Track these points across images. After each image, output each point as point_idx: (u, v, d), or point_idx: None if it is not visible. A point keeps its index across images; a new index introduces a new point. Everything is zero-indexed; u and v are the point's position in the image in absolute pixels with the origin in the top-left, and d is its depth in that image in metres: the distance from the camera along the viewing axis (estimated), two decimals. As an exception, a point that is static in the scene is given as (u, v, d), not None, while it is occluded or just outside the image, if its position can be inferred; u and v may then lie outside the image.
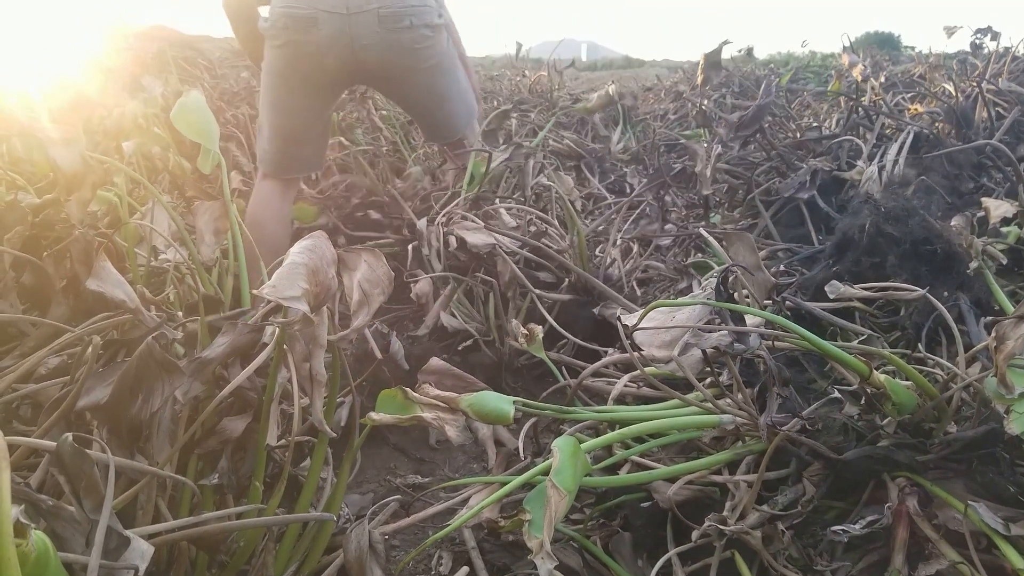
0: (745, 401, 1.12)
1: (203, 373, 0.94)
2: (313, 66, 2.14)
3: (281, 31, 2.10)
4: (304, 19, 2.07)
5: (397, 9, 2.11)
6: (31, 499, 0.67)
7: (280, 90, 2.20)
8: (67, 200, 1.24)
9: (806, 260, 1.93)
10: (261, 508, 0.98)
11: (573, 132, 3.93)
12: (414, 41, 2.18)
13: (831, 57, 9.04)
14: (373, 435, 1.52)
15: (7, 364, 1.12)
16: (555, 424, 1.48)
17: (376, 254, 1.00)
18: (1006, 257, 1.57)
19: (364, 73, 2.24)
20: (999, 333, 0.93)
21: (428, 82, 2.28)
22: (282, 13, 2.09)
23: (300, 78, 2.17)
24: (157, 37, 4.15)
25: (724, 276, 1.07)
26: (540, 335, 1.47)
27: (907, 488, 1.01)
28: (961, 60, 4.64)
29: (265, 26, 2.14)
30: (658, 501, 1.14)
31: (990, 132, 2.50)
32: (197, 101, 1.33)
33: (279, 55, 2.15)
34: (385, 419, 0.95)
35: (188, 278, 1.37)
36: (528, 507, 0.86)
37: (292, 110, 2.22)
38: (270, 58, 2.18)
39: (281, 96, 2.21)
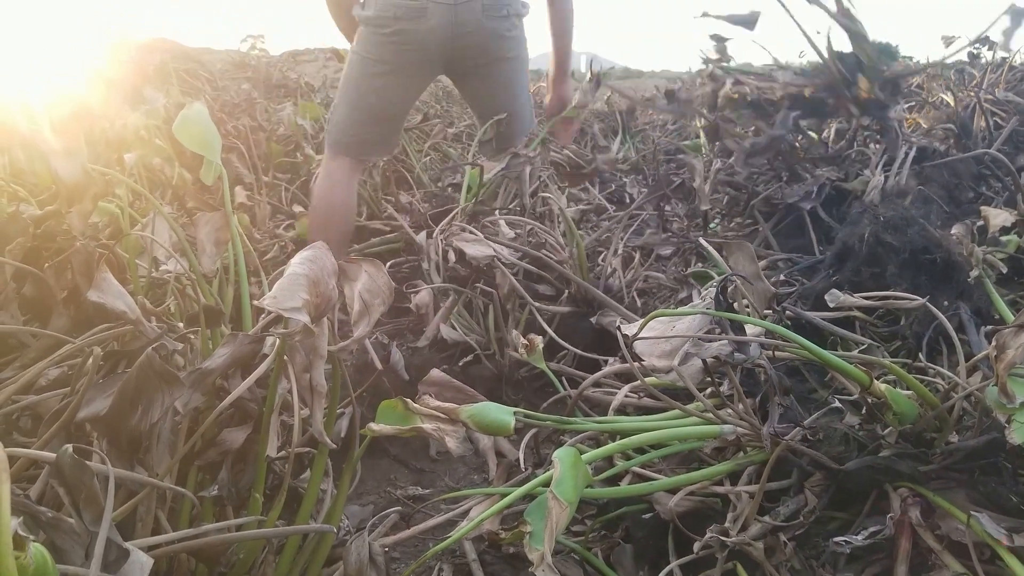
0: (746, 411, 1.11)
1: (203, 384, 0.94)
2: (417, 54, 2.29)
3: (391, 20, 2.23)
4: (415, 9, 2.22)
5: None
6: (30, 511, 0.67)
7: (378, 75, 2.32)
8: (68, 212, 1.24)
9: (806, 270, 1.93)
10: (261, 520, 0.98)
11: (573, 143, 3.93)
12: (507, 28, 2.37)
13: (830, 67, 9.07)
14: (373, 446, 1.51)
15: (7, 375, 1.12)
16: (556, 435, 1.48)
17: (377, 264, 1.00)
18: (1006, 266, 1.57)
19: (459, 62, 2.38)
20: (999, 342, 0.93)
21: (509, 75, 2.48)
22: (392, 2, 2.22)
23: (401, 65, 2.31)
24: (159, 49, 4.18)
25: (723, 286, 1.07)
26: (540, 345, 1.47)
27: (909, 498, 1.00)
28: (959, 70, 4.65)
29: (368, 14, 2.26)
30: (659, 512, 1.13)
31: (989, 142, 2.50)
32: (200, 113, 1.34)
33: (384, 42, 2.27)
34: (385, 430, 0.95)
35: (189, 289, 1.37)
36: (529, 519, 0.85)
37: (386, 94, 2.35)
38: (372, 44, 2.29)
39: (378, 81, 2.33)
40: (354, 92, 2.37)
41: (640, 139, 4.44)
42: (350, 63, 2.38)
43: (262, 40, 5.93)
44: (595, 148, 3.92)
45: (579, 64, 3.71)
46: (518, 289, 1.75)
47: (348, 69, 2.39)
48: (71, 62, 3.29)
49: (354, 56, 2.36)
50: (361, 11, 2.30)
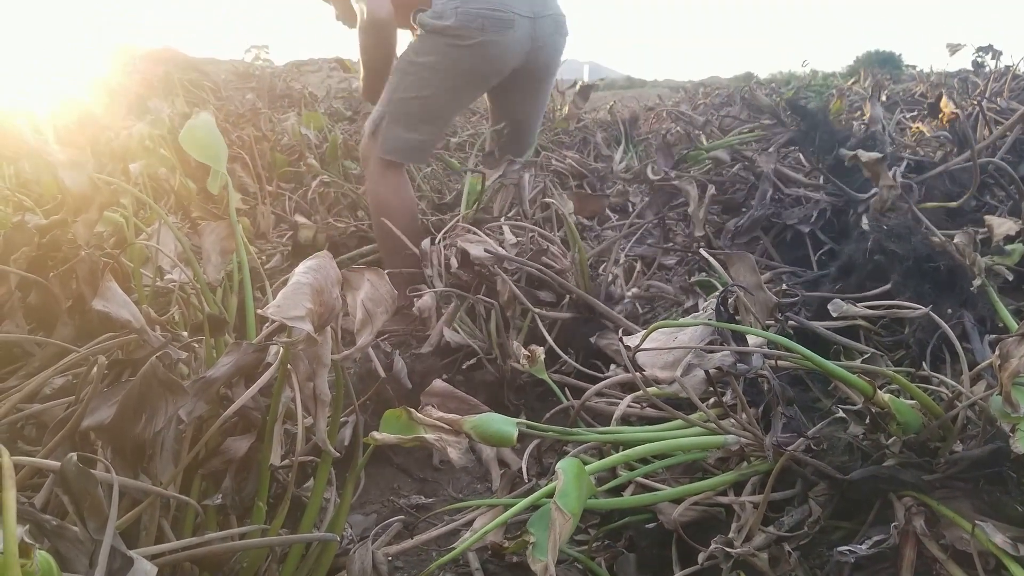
0: (749, 421, 1.11)
1: (207, 393, 0.94)
2: (495, 65, 2.33)
3: (476, 31, 2.24)
4: (503, 21, 2.25)
5: (560, 14, 2.42)
6: (35, 519, 0.67)
7: (450, 85, 2.33)
8: (74, 221, 1.25)
9: (810, 283, 1.94)
10: (264, 528, 0.98)
11: (576, 151, 3.94)
12: (563, 46, 2.48)
13: (832, 76, 9.09)
14: (376, 455, 1.51)
15: (12, 384, 1.13)
16: (559, 444, 1.48)
17: (379, 273, 1.01)
18: (1011, 275, 1.57)
19: (520, 74, 2.43)
20: (1003, 351, 0.93)
21: (547, 90, 2.61)
22: (478, 14, 2.23)
23: (476, 75, 2.35)
24: (163, 59, 4.20)
25: (724, 297, 1.07)
26: (542, 356, 1.47)
27: (914, 508, 1.00)
28: (962, 79, 4.66)
29: (447, 23, 2.23)
30: (663, 522, 1.13)
31: (992, 150, 2.50)
32: (206, 122, 1.35)
33: (465, 53, 2.27)
34: (388, 439, 0.95)
35: (193, 298, 1.38)
36: (532, 529, 0.85)
37: (453, 103, 2.42)
38: (448, 55, 2.28)
39: (450, 92, 2.35)
40: (421, 103, 2.34)
41: (643, 148, 4.45)
42: (417, 74, 2.33)
43: (266, 50, 5.96)
44: (598, 157, 3.93)
45: (582, 73, 3.72)
46: (519, 296, 1.75)
47: (414, 80, 2.33)
48: (77, 73, 3.31)
49: (420, 67, 2.32)
50: (434, 20, 2.26)
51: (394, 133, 2.33)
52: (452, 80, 2.33)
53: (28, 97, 2.22)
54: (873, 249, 1.67)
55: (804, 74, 9.39)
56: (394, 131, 2.33)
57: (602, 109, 5.80)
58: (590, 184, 3.35)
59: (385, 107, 2.35)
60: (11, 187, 1.76)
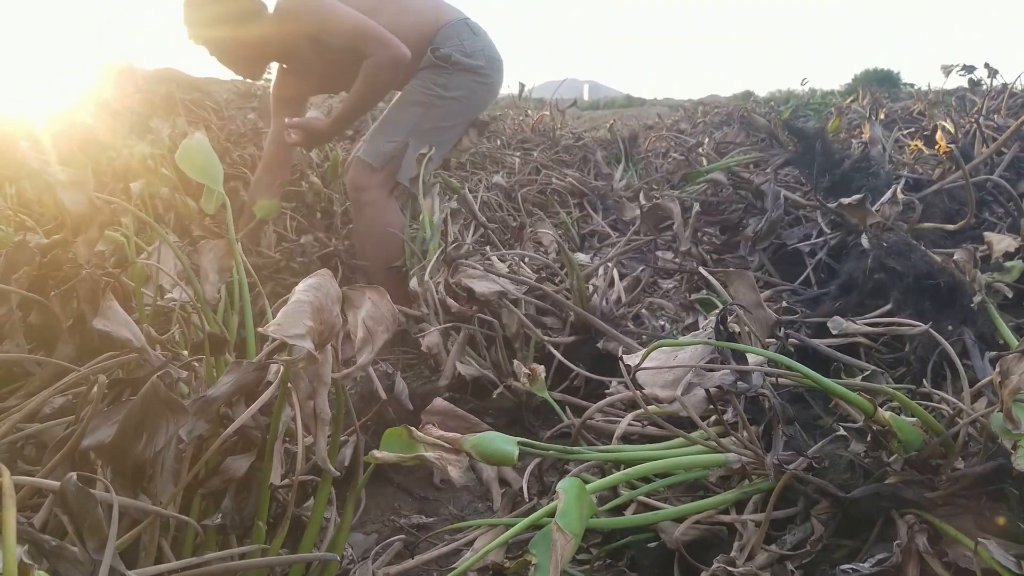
0: (750, 439, 1.11)
1: (207, 412, 0.94)
2: (490, 101, 2.77)
3: (493, 71, 2.60)
4: (500, 64, 2.65)
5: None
6: (34, 539, 0.67)
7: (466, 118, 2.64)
8: (74, 241, 1.25)
9: (810, 301, 1.94)
10: (264, 548, 0.97)
11: (576, 170, 3.96)
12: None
13: (831, 95, 9.13)
14: (377, 474, 1.51)
15: (13, 404, 1.12)
16: (560, 463, 1.47)
17: (381, 292, 1.01)
18: (1011, 291, 1.57)
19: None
20: (1003, 368, 0.93)
21: None
22: (495, 56, 2.61)
23: (481, 109, 2.72)
24: (166, 79, 4.22)
25: (723, 315, 1.07)
26: (542, 375, 1.47)
27: (916, 525, 1.00)
28: (960, 97, 4.68)
29: (477, 63, 2.54)
30: (665, 541, 1.13)
31: (990, 168, 2.51)
32: (201, 142, 1.35)
33: (485, 90, 2.64)
34: (389, 458, 0.95)
35: (194, 317, 1.38)
36: (534, 549, 0.85)
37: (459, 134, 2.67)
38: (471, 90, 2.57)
39: (463, 123, 2.64)
40: (442, 134, 2.57)
41: (643, 166, 4.47)
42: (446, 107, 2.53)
43: (268, 70, 5.99)
44: (598, 175, 3.94)
45: (582, 92, 3.75)
46: (527, 325, 1.76)
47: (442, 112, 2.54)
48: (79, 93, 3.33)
49: (449, 101, 2.53)
50: (466, 59, 2.51)
51: (411, 162, 2.47)
52: (469, 114, 2.63)
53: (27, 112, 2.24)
54: (873, 267, 1.67)
55: (803, 92, 9.44)
56: (411, 160, 2.47)
57: (602, 128, 5.83)
58: (590, 203, 3.36)
59: (405, 137, 2.46)
60: (12, 207, 1.77)
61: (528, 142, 4.79)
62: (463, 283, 1.81)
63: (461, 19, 2.58)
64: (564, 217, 3.15)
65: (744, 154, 3.71)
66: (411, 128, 2.48)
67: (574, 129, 5.66)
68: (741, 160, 3.54)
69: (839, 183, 2.65)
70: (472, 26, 2.59)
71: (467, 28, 2.57)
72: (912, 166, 2.81)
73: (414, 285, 2.00)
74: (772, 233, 2.27)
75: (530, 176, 3.81)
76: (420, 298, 1.94)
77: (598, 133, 5.61)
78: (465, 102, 2.57)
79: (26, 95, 2.54)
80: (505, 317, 1.78)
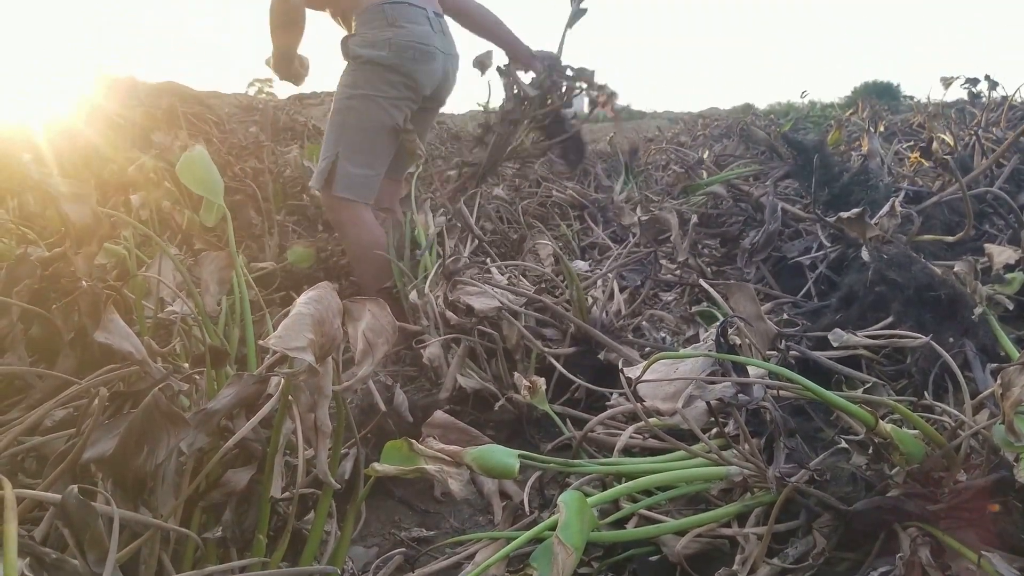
0: (752, 452, 1.11)
1: (208, 425, 0.94)
2: (417, 92, 2.45)
3: (409, 61, 2.37)
4: (427, 53, 2.42)
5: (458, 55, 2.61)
6: (35, 552, 0.67)
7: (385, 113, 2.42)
8: (76, 254, 1.26)
9: (811, 314, 1.94)
10: (265, 562, 0.97)
11: (576, 182, 3.97)
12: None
13: (830, 107, 9.16)
14: (377, 487, 1.50)
15: (14, 416, 1.12)
16: (561, 476, 1.47)
17: (381, 304, 1.01)
18: (1011, 303, 1.57)
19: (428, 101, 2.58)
20: (1005, 380, 0.93)
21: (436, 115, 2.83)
22: (408, 45, 2.36)
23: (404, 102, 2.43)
24: (168, 93, 4.24)
25: (723, 327, 1.07)
26: (542, 387, 1.47)
27: (919, 538, 0.99)
28: (959, 109, 4.70)
29: (381, 54, 2.35)
30: (667, 555, 1.12)
31: (990, 180, 2.52)
32: (201, 156, 1.36)
33: (398, 82, 2.40)
34: (389, 470, 0.95)
35: (195, 330, 1.38)
36: (535, 563, 0.85)
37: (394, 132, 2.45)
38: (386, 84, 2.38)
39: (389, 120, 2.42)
40: (370, 136, 2.40)
41: (643, 178, 4.48)
42: (356, 108, 2.39)
43: (269, 84, 6.03)
44: (598, 188, 3.95)
45: (582, 105, 3.76)
46: (527, 337, 1.76)
47: (355, 114, 2.40)
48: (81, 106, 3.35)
49: (359, 100, 2.39)
50: (368, 51, 2.35)
51: (345, 171, 2.37)
52: (386, 108, 2.41)
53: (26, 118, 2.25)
54: (874, 279, 1.67)
55: (803, 105, 9.47)
56: (345, 169, 2.37)
57: (602, 140, 5.84)
58: (591, 215, 3.36)
59: (333, 149, 2.40)
60: (15, 220, 1.77)
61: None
62: (462, 300, 1.81)
63: (380, 3, 2.36)
64: (564, 229, 3.15)
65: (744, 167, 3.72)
66: (336, 139, 2.41)
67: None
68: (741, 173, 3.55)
69: (838, 196, 2.66)
70: (388, 12, 2.35)
71: (380, 15, 2.36)
72: (912, 178, 2.82)
73: (414, 298, 2.00)
74: (769, 245, 2.27)
75: (530, 189, 3.82)
76: (420, 310, 1.94)
77: (598, 146, 5.63)
78: (377, 98, 2.37)
79: (25, 98, 2.56)
80: (505, 329, 1.78)
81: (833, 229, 2.22)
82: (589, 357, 1.80)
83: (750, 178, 3.49)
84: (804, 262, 2.21)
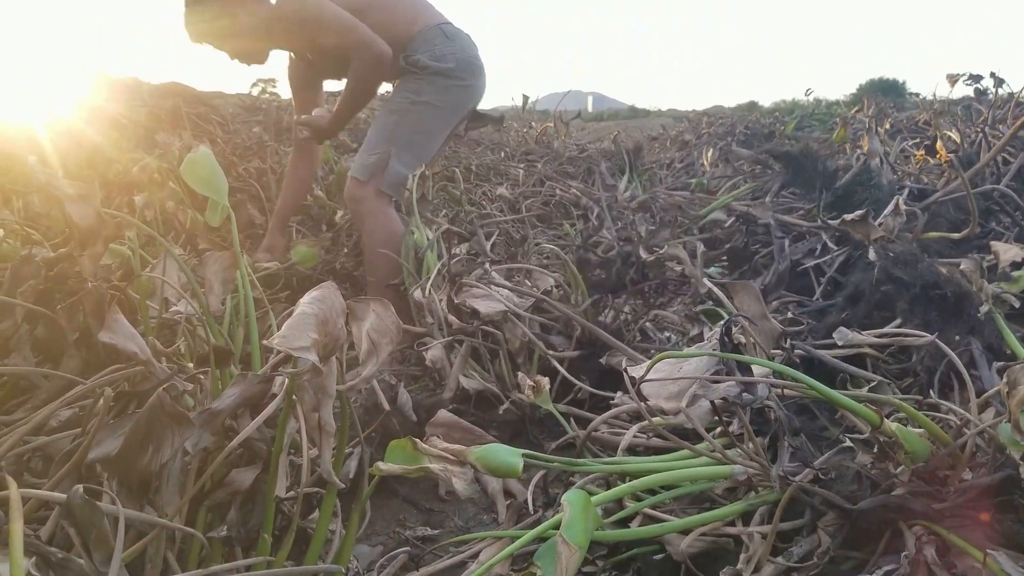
0: (756, 451, 1.11)
1: (213, 424, 0.94)
2: (470, 106, 2.69)
3: (468, 75, 2.61)
4: (480, 68, 2.67)
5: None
6: (41, 551, 0.67)
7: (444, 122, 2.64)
8: (81, 254, 1.26)
9: (816, 313, 1.93)
10: (270, 560, 0.97)
11: (580, 181, 3.97)
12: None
13: (836, 105, 9.14)
14: (382, 486, 1.51)
15: (19, 416, 1.13)
16: (565, 475, 1.47)
17: (385, 304, 1.01)
18: (1018, 301, 1.56)
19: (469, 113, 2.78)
20: (1011, 378, 0.93)
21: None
22: (470, 59, 2.62)
23: (461, 113, 2.68)
24: (172, 93, 4.25)
25: (728, 327, 1.07)
26: (547, 387, 1.47)
27: (924, 537, 0.99)
28: (966, 106, 4.68)
29: (448, 66, 2.56)
30: (671, 554, 1.12)
31: (997, 177, 2.51)
32: (206, 156, 1.36)
33: (460, 93, 2.63)
34: (393, 469, 0.95)
35: (199, 330, 1.38)
36: (539, 562, 0.85)
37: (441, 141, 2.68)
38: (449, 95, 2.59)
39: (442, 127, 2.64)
40: (423, 139, 2.58)
41: (647, 177, 4.47)
42: (419, 113, 2.56)
43: (273, 84, 6.04)
44: (603, 187, 3.95)
45: (586, 104, 3.76)
46: (530, 337, 1.76)
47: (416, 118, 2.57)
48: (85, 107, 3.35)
49: (423, 106, 2.56)
50: (437, 63, 2.54)
51: (395, 169, 2.49)
52: (447, 117, 2.62)
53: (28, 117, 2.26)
54: (880, 278, 1.67)
55: (808, 102, 9.45)
56: (395, 167, 2.49)
57: (606, 139, 5.84)
58: (595, 213, 3.36)
59: (385, 146, 2.50)
60: (20, 220, 1.78)
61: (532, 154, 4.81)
62: (467, 303, 1.82)
63: (436, 25, 2.59)
64: (568, 229, 3.15)
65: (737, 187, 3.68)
66: (389, 137, 2.51)
67: (578, 141, 5.67)
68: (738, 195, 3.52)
69: (841, 197, 2.65)
70: (447, 31, 2.60)
71: (441, 33, 2.59)
72: (917, 176, 2.81)
73: (418, 297, 2.00)
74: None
75: (534, 188, 3.82)
76: (426, 309, 1.94)
77: (602, 144, 5.62)
78: (439, 107, 2.59)
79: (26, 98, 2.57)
80: (508, 331, 1.78)
81: (837, 232, 2.22)
82: (593, 361, 1.80)
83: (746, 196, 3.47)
84: (809, 264, 2.21)
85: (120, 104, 3.81)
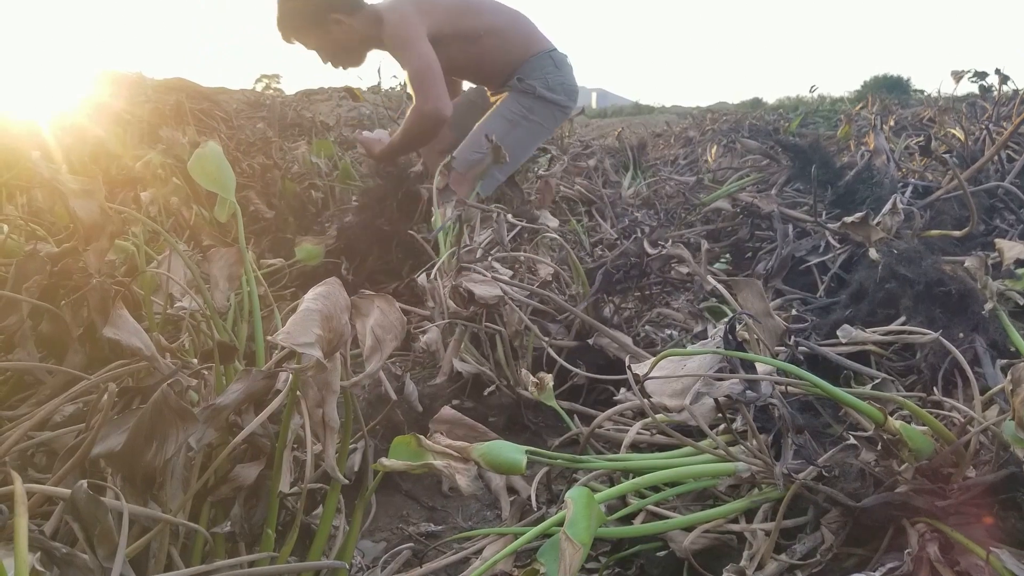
0: (760, 448, 1.11)
1: (217, 420, 0.94)
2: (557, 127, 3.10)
3: (571, 103, 2.94)
4: (577, 94, 2.97)
5: None
6: (45, 546, 0.67)
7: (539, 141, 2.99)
8: (85, 250, 1.26)
9: (820, 310, 1.93)
10: (273, 556, 0.98)
11: (584, 178, 3.96)
12: None
13: (840, 102, 9.12)
14: (386, 482, 1.51)
15: (23, 412, 1.13)
16: (568, 471, 1.47)
17: (389, 300, 1.01)
18: (1022, 299, 1.56)
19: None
20: (1015, 376, 0.92)
21: None
22: (571, 89, 2.93)
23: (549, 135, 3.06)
24: (175, 89, 4.25)
25: (732, 324, 1.07)
26: (550, 383, 1.47)
27: (927, 534, 0.99)
28: (970, 103, 4.67)
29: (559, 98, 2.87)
30: (674, 550, 1.12)
31: (1001, 175, 2.50)
32: (214, 151, 1.36)
33: (561, 118, 2.97)
34: (397, 466, 0.95)
35: (203, 326, 1.38)
36: (542, 559, 0.85)
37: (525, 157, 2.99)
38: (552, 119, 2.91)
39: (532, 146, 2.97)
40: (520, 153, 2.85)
41: (651, 174, 4.46)
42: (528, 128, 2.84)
43: (277, 80, 6.06)
44: (607, 183, 3.95)
45: (590, 100, 3.79)
46: (526, 323, 1.76)
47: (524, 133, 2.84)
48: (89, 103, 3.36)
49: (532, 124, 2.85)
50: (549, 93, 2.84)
51: (494, 175, 2.71)
52: (544, 136, 2.98)
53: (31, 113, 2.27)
54: (884, 276, 1.67)
55: (812, 99, 9.43)
56: (494, 174, 2.70)
57: (610, 136, 5.83)
58: (599, 210, 3.36)
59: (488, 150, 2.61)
60: (24, 216, 1.78)
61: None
62: (464, 286, 1.82)
63: (546, 52, 2.86)
64: (574, 224, 3.15)
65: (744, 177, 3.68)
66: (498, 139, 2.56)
67: (582, 137, 5.66)
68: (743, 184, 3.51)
69: (844, 195, 2.65)
70: (556, 59, 2.88)
71: (551, 61, 2.86)
72: (921, 173, 2.80)
73: (422, 281, 2.02)
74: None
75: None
76: (429, 294, 1.94)
77: (606, 141, 5.62)
78: (543, 128, 2.90)
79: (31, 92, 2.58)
80: (506, 315, 1.79)
81: (838, 233, 2.22)
82: (592, 352, 1.80)
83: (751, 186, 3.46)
84: (812, 260, 2.20)
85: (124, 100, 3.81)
